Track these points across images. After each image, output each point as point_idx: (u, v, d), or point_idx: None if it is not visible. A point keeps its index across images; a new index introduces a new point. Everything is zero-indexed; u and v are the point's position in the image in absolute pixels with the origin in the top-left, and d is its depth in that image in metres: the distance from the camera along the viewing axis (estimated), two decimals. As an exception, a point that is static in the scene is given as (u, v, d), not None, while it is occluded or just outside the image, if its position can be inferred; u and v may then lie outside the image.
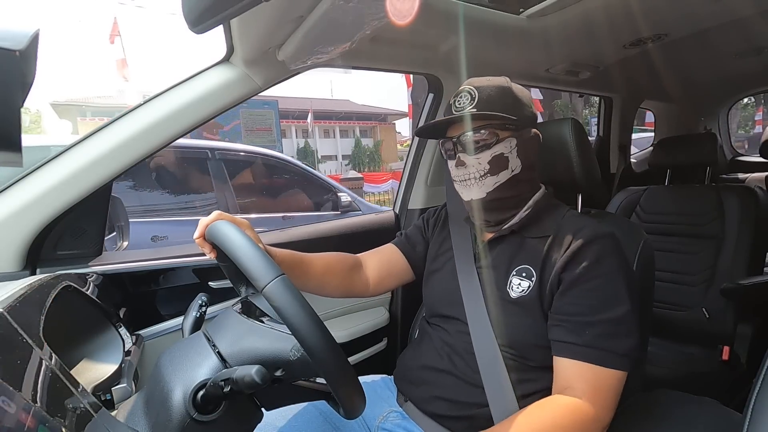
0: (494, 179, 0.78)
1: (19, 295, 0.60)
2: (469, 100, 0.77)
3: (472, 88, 0.78)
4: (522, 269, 0.77)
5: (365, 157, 19.24)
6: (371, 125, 22.50)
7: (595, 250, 0.70)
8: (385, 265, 0.97)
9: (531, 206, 0.81)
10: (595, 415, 0.65)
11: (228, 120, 9.56)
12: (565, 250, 0.72)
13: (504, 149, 0.77)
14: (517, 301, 0.75)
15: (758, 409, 0.53)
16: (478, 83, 0.79)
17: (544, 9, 1.07)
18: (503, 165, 0.77)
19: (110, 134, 0.92)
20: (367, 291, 0.96)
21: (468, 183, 0.79)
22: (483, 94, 0.77)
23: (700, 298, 1.54)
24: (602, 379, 0.66)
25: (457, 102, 0.79)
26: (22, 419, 0.36)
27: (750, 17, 1.20)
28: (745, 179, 2.56)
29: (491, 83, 0.79)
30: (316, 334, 0.49)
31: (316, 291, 0.88)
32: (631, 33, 1.30)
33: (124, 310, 0.94)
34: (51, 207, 0.86)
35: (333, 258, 0.91)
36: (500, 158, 0.77)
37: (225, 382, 0.49)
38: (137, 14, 51.68)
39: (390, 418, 0.85)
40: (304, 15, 0.82)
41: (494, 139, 0.76)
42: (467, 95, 0.78)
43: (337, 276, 0.90)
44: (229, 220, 0.66)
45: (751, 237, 1.49)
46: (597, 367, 0.66)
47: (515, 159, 0.78)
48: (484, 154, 0.77)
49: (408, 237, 1.01)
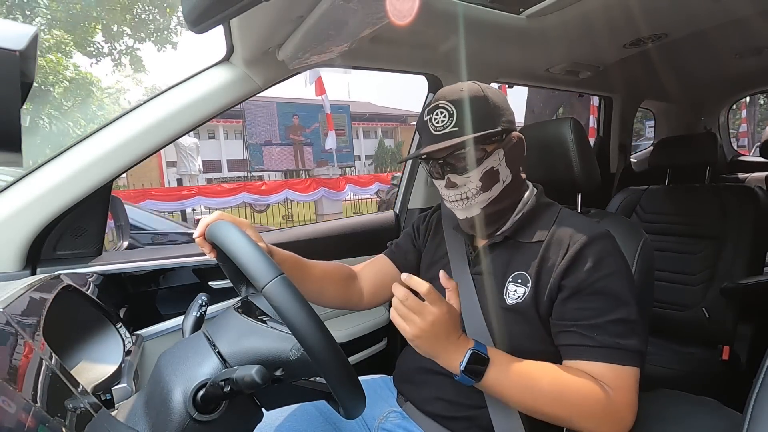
0: (488, 195, 0.76)
1: (19, 295, 0.60)
2: (448, 118, 0.73)
3: (447, 104, 0.74)
4: (518, 275, 0.75)
5: (388, 158, 19.27)
6: (393, 126, 22.71)
7: (595, 252, 0.69)
8: (379, 277, 0.96)
9: (522, 209, 0.80)
10: (622, 414, 0.65)
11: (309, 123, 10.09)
12: (563, 256, 0.71)
13: (493, 163, 0.75)
14: (513, 308, 0.74)
15: (758, 409, 0.53)
16: (452, 95, 0.74)
17: (544, 9, 1.07)
18: (494, 179, 0.76)
19: (110, 134, 0.92)
20: (362, 303, 0.94)
21: (462, 203, 0.77)
22: (461, 110, 0.73)
23: (700, 298, 1.54)
24: (622, 377, 0.65)
25: (434, 120, 0.74)
26: (22, 419, 0.36)
27: (750, 17, 1.20)
28: (745, 179, 2.56)
29: (465, 95, 0.74)
30: (315, 334, 0.49)
31: (314, 297, 0.87)
32: (631, 33, 1.30)
33: (124, 310, 0.94)
34: (51, 207, 0.86)
35: (330, 266, 0.91)
36: (491, 173, 0.75)
37: (225, 382, 0.49)
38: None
39: (390, 419, 0.85)
40: (304, 15, 0.82)
41: (482, 154, 0.74)
42: (444, 112, 0.74)
43: (335, 284, 0.89)
44: (230, 220, 0.66)
45: (751, 237, 1.49)
46: (616, 366, 0.65)
47: (505, 169, 0.77)
48: (474, 172, 0.74)
49: (399, 246, 1.00)
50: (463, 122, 0.72)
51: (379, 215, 1.55)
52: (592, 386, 0.64)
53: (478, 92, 0.75)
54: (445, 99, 0.74)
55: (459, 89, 0.75)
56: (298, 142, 10.25)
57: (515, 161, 0.78)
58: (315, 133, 10.41)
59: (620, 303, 0.68)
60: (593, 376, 0.66)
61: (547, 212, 0.80)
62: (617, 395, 0.65)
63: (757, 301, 1.46)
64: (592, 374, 0.66)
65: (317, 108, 9.92)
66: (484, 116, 0.74)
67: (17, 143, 0.35)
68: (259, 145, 9.89)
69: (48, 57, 8.52)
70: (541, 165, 0.96)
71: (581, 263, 0.69)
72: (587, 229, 0.72)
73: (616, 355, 0.66)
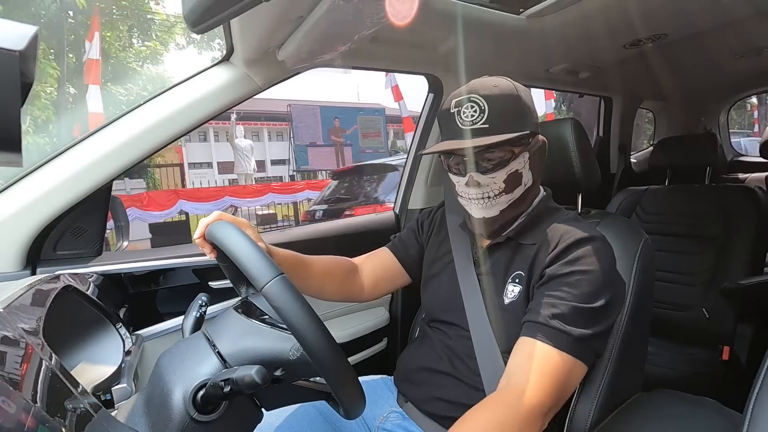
0: (509, 197, 0.74)
1: (19, 295, 0.60)
2: (479, 113, 0.69)
3: (479, 99, 0.69)
4: (516, 275, 0.76)
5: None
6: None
7: (580, 250, 0.68)
8: (380, 270, 0.97)
9: (529, 212, 0.79)
10: (533, 399, 0.59)
11: (349, 125, 10.61)
12: (551, 250, 0.71)
13: (518, 165, 0.73)
14: (508, 307, 0.75)
15: (758, 409, 0.53)
16: (484, 90, 0.70)
17: (544, 9, 1.07)
18: (518, 181, 0.74)
19: (110, 134, 0.92)
20: (363, 295, 0.95)
21: (482, 202, 0.74)
22: (494, 107, 0.69)
23: (700, 299, 1.53)
24: (551, 360, 0.62)
25: (463, 114, 0.70)
26: (22, 419, 0.36)
27: (750, 18, 1.20)
28: (745, 179, 2.56)
29: (498, 91, 0.70)
30: (315, 334, 0.49)
31: (315, 293, 0.88)
32: (631, 33, 1.30)
33: (124, 310, 0.94)
34: (51, 207, 0.86)
35: (331, 261, 0.91)
36: (515, 175, 0.73)
37: (225, 382, 0.49)
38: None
39: (390, 419, 0.85)
40: (304, 15, 0.82)
41: (510, 156, 0.71)
42: (475, 106, 0.69)
43: (336, 279, 0.90)
44: (230, 221, 0.66)
45: (751, 237, 1.49)
46: (548, 347, 0.62)
47: (528, 173, 0.75)
48: (500, 173, 0.72)
49: (401, 241, 1.00)
50: (495, 120, 0.69)
51: (379, 215, 1.55)
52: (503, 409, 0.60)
53: (512, 90, 0.72)
54: (477, 93, 0.70)
55: (492, 84, 0.72)
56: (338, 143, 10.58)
57: (537, 165, 0.77)
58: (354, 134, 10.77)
59: (587, 298, 0.65)
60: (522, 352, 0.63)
61: (550, 217, 0.79)
62: (537, 376, 0.60)
63: (757, 302, 1.46)
64: (521, 350, 0.64)
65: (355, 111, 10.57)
66: (516, 116, 0.71)
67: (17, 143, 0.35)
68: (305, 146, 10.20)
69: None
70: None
71: (563, 256, 0.69)
72: (581, 231, 0.71)
73: (555, 336, 0.62)
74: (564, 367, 0.63)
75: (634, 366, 0.87)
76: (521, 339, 0.67)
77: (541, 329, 0.64)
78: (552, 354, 0.62)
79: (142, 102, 0.96)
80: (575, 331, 0.63)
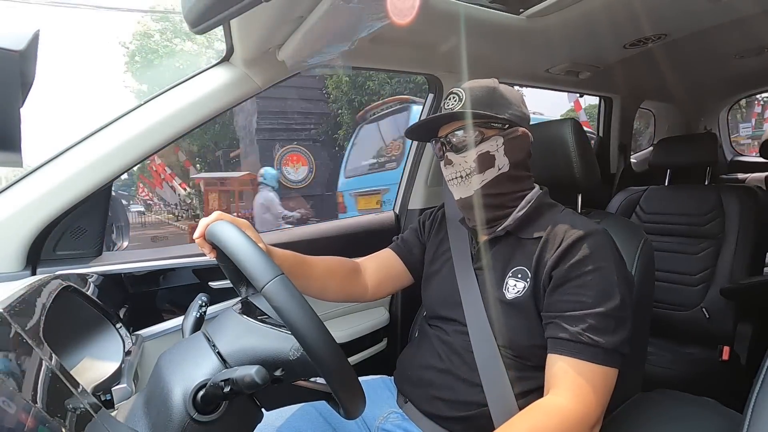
0: (480, 177, 0.78)
1: (19, 295, 0.60)
2: (457, 101, 0.79)
3: (460, 90, 0.80)
4: (517, 270, 0.77)
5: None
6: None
7: (585, 246, 0.70)
8: (383, 270, 0.97)
9: (525, 207, 0.80)
10: (578, 413, 0.62)
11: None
12: (556, 249, 0.72)
13: (490, 147, 0.78)
14: (512, 302, 0.75)
15: (758, 409, 0.53)
16: (468, 85, 0.81)
17: (545, 9, 1.07)
18: (489, 163, 0.78)
19: (110, 134, 0.92)
20: (366, 295, 0.96)
21: (455, 182, 0.81)
22: (470, 96, 0.78)
23: (700, 298, 1.54)
24: (588, 375, 0.64)
25: (446, 104, 0.81)
26: (22, 419, 0.36)
27: (750, 17, 1.20)
28: (745, 179, 2.56)
29: (479, 84, 0.81)
30: (315, 334, 0.49)
31: (317, 293, 0.88)
32: (632, 33, 1.30)
33: (124, 311, 0.94)
34: (51, 207, 0.86)
35: (333, 261, 0.91)
36: (486, 156, 0.78)
37: (225, 383, 0.49)
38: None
39: (390, 419, 0.85)
40: (304, 15, 0.82)
41: (479, 137, 0.78)
42: (455, 96, 0.80)
43: (338, 279, 0.90)
44: (230, 221, 0.66)
45: (751, 237, 1.49)
46: (583, 363, 0.64)
47: (502, 157, 0.79)
48: (470, 152, 0.78)
49: (404, 241, 1.01)
50: (468, 105, 0.77)
51: (379, 215, 1.55)
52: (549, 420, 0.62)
53: (491, 84, 0.82)
54: (461, 87, 0.81)
55: (476, 80, 0.83)
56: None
57: (514, 153, 0.80)
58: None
59: (605, 298, 0.67)
60: (560, 371, 0.65)
61: (549, 212, 0.81)
62: (580, 393, 0.63)
63: (757, 302, 1.46)
64: (559, 369, 0.65)
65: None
66: (490, 103, 0.79)
67: (17, 143, 0.35)
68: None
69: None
70: (541, 165, 0.96)
71: (570, 256, 0.70)
72: (583, 226, 0.73)
73: (585, 351, 0.65)
74: (601, 379, 0.65)
75: (634, 366, 0.87)
76: (556, 357, 0.67)
77: (574, 347, 0.65)
78: (589, 369, 0.64)
79: (142, 102, 0.96)
80: (606, 343, 0.65)
